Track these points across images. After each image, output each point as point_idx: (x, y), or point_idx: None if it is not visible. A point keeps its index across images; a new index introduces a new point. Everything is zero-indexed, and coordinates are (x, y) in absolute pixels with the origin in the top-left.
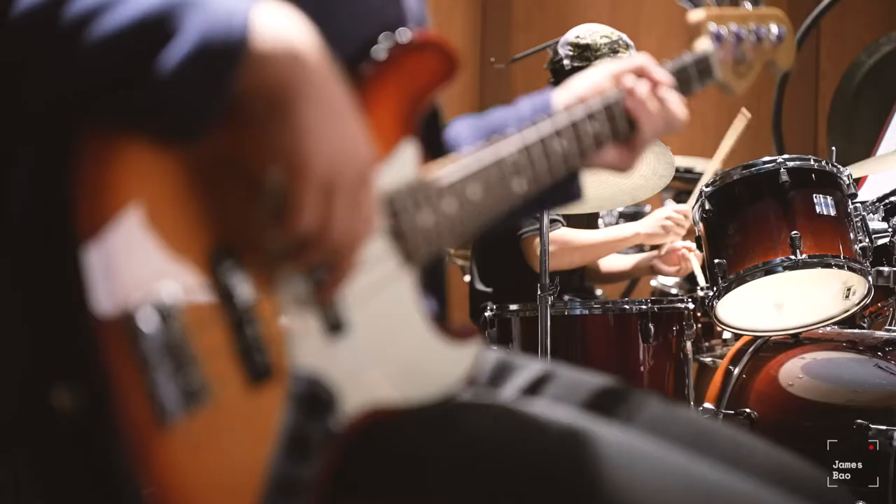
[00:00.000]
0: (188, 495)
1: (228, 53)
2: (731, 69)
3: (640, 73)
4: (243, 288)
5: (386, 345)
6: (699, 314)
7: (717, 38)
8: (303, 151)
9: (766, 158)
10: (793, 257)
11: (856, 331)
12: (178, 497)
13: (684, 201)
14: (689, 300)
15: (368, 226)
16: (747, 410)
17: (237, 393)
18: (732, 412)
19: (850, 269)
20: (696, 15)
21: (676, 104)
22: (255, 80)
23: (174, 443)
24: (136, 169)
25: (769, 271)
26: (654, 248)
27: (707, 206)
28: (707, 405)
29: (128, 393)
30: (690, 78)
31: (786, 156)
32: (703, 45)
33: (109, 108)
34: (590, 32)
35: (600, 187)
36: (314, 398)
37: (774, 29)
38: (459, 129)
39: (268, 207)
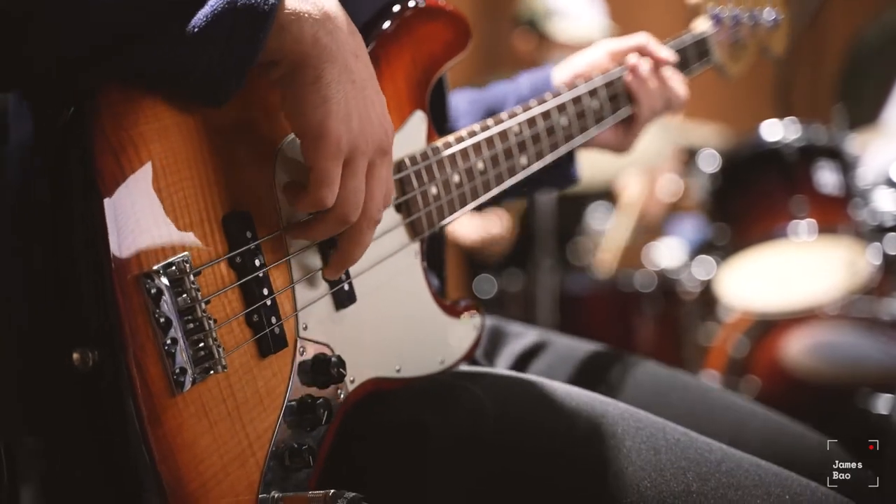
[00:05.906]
0: (195, 460)
1: (261, 14)
2: (728, 52)
3: (642, 52)
4: (257, 256)
5: (392, 317)
6: (701, 294)
7: (716, 19)
8: (325, 119)
9: (768, 126)
10: (797, 222)
11: (860, 308)
12: (185, 462)
13: None
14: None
15: (386, 200)
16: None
17: (248, 361)
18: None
19: (857, 234)
20: None
21: (678, 83)
22: (283, 43)
23: (185, 408)
24: (156, 130)
25: (773, 237)
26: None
27: (714, 180)
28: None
29: (142, 356)
30: (689, 59)
31: (790, 123)
32: (703, 25)
33: (132, 66)
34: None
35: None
36: (321, 368)
37: (770, 13)
38: (458, 101)
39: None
